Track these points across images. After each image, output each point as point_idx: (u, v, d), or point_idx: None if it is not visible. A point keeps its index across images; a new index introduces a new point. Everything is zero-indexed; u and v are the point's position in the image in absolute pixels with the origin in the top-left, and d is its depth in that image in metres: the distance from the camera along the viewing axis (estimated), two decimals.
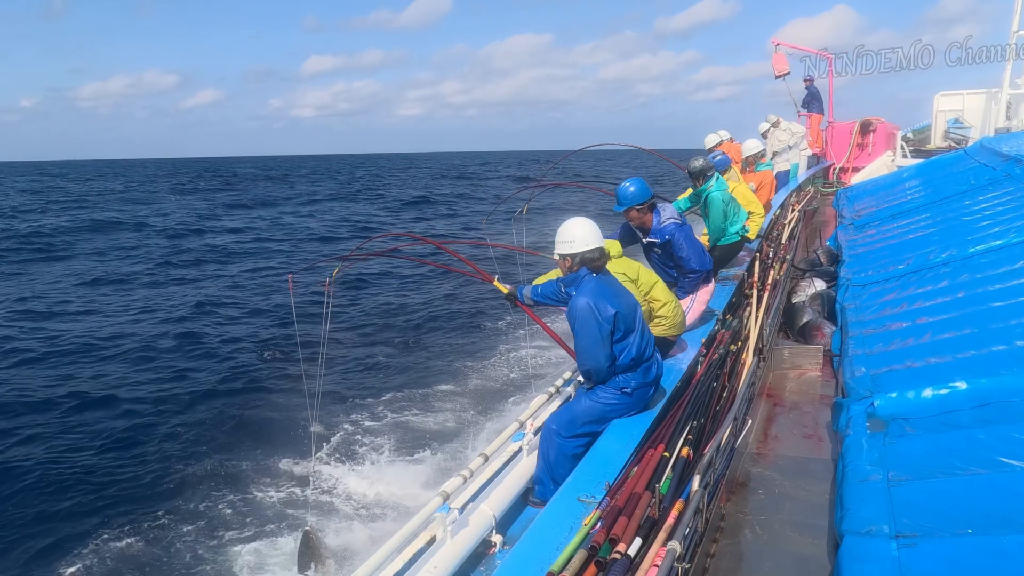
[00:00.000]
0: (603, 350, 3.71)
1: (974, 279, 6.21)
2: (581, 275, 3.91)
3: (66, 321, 15.06)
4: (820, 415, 5.17)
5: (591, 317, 3.69)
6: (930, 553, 2.90)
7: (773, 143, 14.29)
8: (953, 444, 3.70)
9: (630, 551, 2.54)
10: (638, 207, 5.38)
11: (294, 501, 7.47)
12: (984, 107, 18.16)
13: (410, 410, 9.74)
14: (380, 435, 8.97)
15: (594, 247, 3.92)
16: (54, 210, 39.59)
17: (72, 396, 10.46)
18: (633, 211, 5.41)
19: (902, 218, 10.00)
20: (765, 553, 3.49)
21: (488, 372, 11.27)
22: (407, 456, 8.31)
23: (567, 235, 3.95)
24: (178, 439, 9.10)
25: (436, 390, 10.53)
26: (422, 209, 40.06)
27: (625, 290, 4.08)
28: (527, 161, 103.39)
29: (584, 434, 3.84)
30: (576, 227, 3.95)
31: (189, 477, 8.06)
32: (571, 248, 3.91)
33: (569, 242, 3.93)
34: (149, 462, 8.45)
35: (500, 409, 9.49)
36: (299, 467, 8.15)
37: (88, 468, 8.30)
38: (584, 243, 3.90)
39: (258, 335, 13.87)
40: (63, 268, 22.07)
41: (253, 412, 9.86)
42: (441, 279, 19.13)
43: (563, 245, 3.96)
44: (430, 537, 3.21)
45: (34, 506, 7.56)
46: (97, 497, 7.66)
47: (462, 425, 9.15)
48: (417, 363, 11.95)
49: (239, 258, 23.61)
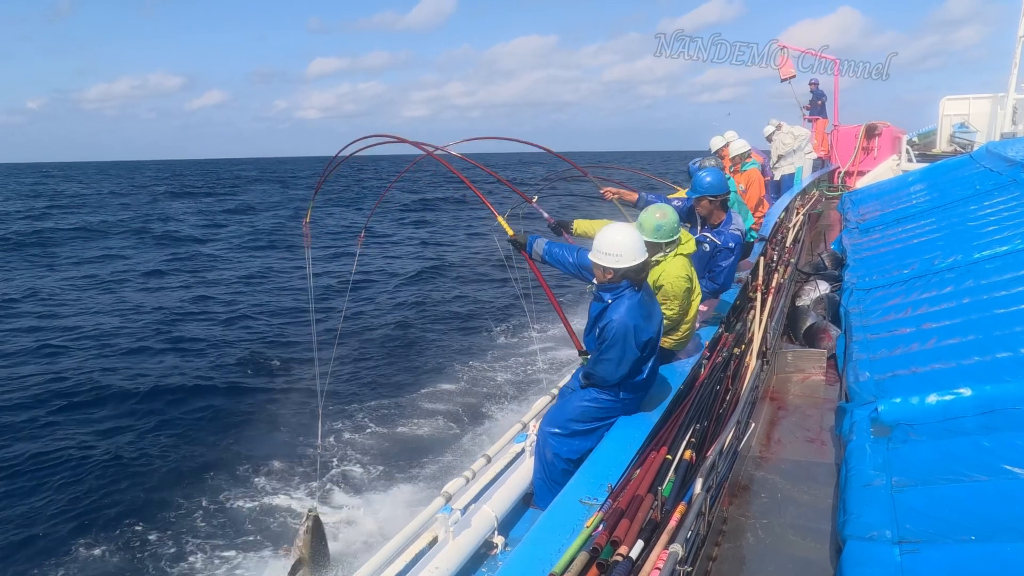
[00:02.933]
0: (625, 369, 3.69)
1: (979, 285, 6.18)
2: (622, 288, 3.69)
3: (52, 319, 15.05)
4: (823, 419, 5.16)
5: (630, 340, 3.59)
6: (933, 559, 2.89)
7: (778, 146, 14.28)
8: (957, 450, 3.68)
9: (632, 554, 2.54)
10: (711, 198, 5.44)
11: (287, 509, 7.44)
12: (990, 111, 18.13)
13: (407, 418, 9.66)
14: (380, 440, 8.92)
15: (640, 262, 3.66)
16: (55, 214, 39.42)
17: (59, 395, 10.49)
18: (706, 201, 5.46)
19: (907, 222, 9.96)
20: (767, 557, 3.48)
21: (488, 375, 11.24)
22: (402, 471, 8.19)
23: (612, 247, 3.63)
24: (176, 435, 9.12)
25: (439, 390, 10.53)
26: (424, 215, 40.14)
27: (658, 309, 3.96)
28: (530, 162, 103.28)
29: (576, 433, 3.85)
30: (623, 239, 3.65)
31: (183, 477, 8.04)
32: (616, 263, 3.62)
33: (615, 256, 3.61)
34: (131, 466, 8.36)
35: (494, 416, 9.45)
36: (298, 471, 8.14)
37: (70, 472, 8.24)
38: (631, 258, 3.62)
39: (251, 335, 13.90)
40: (62, 267, 22.16)
41: (250, 413, 9.86)
42: (438, 279, 19.12)
43: (607, 257, 3.64)
44: (432, 538, 3.22)
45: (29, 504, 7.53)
46: (70, 507, 7.55)
47: (462, 433, 9.10)
48: (416, 365, 11.93)
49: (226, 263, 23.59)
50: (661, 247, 4.43)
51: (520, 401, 9.66)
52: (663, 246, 4.44)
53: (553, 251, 4.12)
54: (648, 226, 4.37)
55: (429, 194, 49.99)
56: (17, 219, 35.90)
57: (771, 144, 14.41)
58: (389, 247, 25.82)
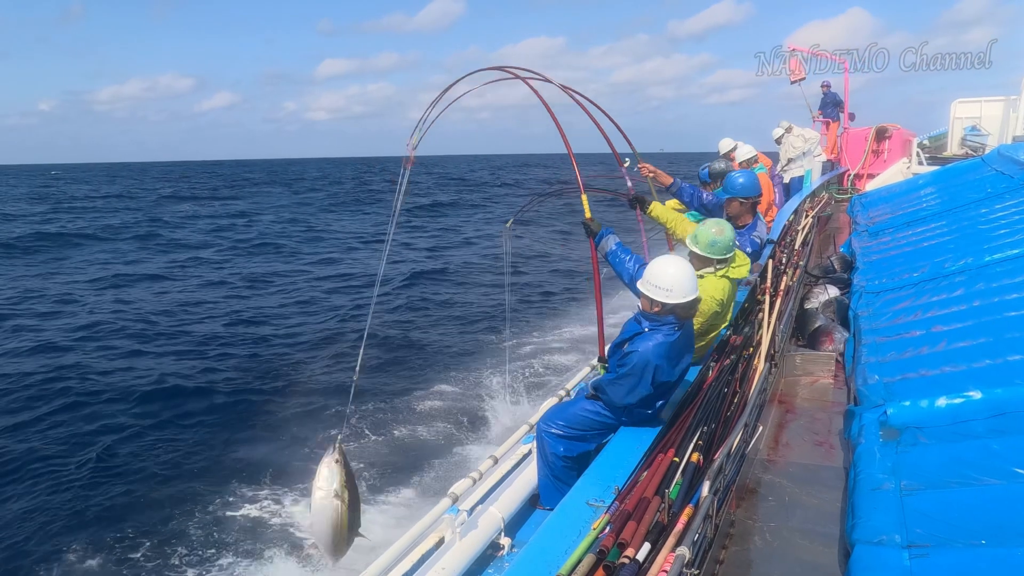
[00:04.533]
0: (634, 399, 3.66)
1: (990, 288, 6.13)
2: (664, 322, 3.59)
3: (60, 318, 15.09)
4: (832, 422, 5.13)
5: (647, 376, 3.56)
6: (942, 564, 2.87)
7: (787, 149, 14.22)
8: (967, 454, 3.66)
9: (639, 556, 2.54)
10: (742, 200, 5.46)
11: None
12: (1002, 114, 17.98)
13: (409, 418, 9.64)
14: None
15: (690, 299, 3.55)
16: (61, 218, 39.51)
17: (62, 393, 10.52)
18: (736, 202, 5.49)
19: (917, 225, 9.90)
20: (775, 560, 3.47)
21: (487, 376, 11.20)
22: (408, 472, 8.18)
23: (664, 281, 3.52)
24: (188, 432, 9.15)
25: (442, 391, 10.53)
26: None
27: (689, 354, 3.87)
28: (535, 164, 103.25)
29: (573, 437, 3.84)
30: (675, 273, 3.53)
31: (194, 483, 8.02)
32: (667, 297, 3.52)
33: (666, 290, 3.51)
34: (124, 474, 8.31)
35: (498, 418, 9.41)
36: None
37: (71, 473, 8.25)
38: (682, 294, 3.53)
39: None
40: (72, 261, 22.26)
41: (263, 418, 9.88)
42: (441, 282, 19.07)
43: (657, 291, 3.54)
44: (439, 538, 3.22)
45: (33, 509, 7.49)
46: (59, 515, 7.49)
47: (465, 434, 9.08)
48: (418, 366, 11.91)
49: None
50: (712, 262, 4.38)
51: (522, 403, 9.65)
52: (714, 262, 4.39)
53: (617, 256, 4.04)
54: (704, 239, 4.34)
55: (438, 198, 50.05)
56: (22, 223, 36.02)
57: (780, 147, 14.35)
58: (400, 250, 25.87)
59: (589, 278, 4.47)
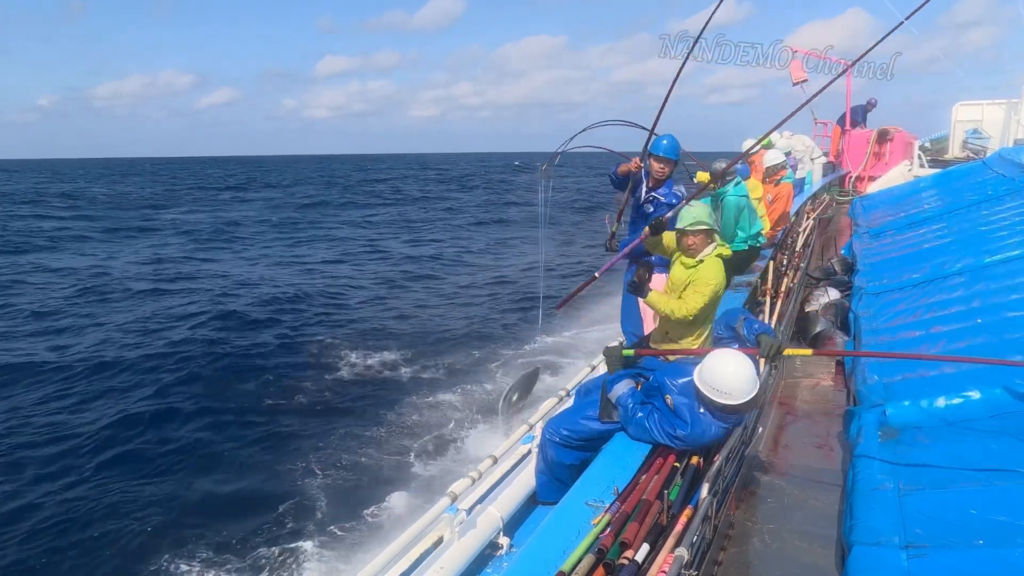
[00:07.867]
0: (647, 438, 3.53)
1: (989, 289, 6.15)
2: (693, 410, 3.36)
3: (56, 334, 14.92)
4: (832, 425, 5.14)
5: (645, 437, 3.49)
6: (940, 564, 2.87)
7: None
8: (966, 454, 3.66)
9: (638, 557, 2.54)
10: (662, 160, 5.38)
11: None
12: (1004, 118, 18.00)
13: (410, 420, 9.57)
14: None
15: (752, 397, 3.28)
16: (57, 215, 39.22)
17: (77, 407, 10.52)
18: (656, 163, 5.42)
19: (918, 227, 9.92)
20: (773, 562, 3.47)
21: (489, 378, 11.18)
22: (407, 470, 8.13)
23: (724, 384, 3.24)
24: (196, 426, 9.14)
25: (444, 392, 10.51)
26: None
27: (716, 430, 3.52)
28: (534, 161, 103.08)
29: (580, 448, 3.81)
30: (738, 377, 3.25)
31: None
32: (725, 399, 3.25)
33: (726, 393, 3.24)
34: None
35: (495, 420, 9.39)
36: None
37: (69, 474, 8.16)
38: (740, 397, 3.26)
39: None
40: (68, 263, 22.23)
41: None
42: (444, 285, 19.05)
43: (717, 394, 3.25)
44: (437, 538, 3.22)
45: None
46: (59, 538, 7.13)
47: (466, 436, 9.05)
48: (422, 366, 11.90)
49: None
50: (713, 236, 4.07)
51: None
52: (714, 234, 4.08)
53: (621, 400, 3.66)
54: (700, 212, 4.05)
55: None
56: (17, 219, 35.79)
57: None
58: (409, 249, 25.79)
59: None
